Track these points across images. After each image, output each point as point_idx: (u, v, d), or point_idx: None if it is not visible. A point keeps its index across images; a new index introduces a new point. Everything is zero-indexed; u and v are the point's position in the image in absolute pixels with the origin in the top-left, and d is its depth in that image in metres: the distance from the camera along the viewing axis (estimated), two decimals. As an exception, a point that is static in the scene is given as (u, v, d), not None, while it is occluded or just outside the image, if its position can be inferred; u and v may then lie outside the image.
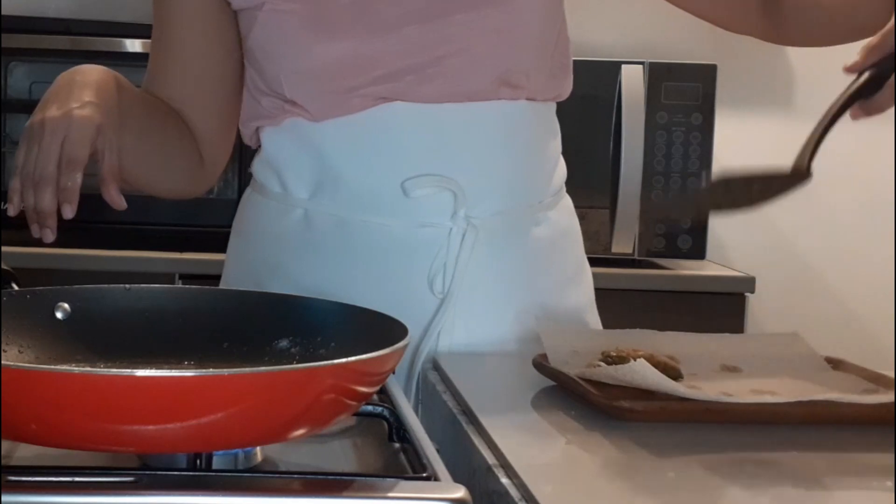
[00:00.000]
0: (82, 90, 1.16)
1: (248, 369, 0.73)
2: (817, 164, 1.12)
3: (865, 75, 1.14)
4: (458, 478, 0.77)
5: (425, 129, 1.26)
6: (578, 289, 1.39)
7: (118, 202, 1.14)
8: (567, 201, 1.40)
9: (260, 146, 1.34)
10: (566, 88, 1.36)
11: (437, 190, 1.26)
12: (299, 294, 1.06)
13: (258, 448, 0.83)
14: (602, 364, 1.08)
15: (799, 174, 1.12)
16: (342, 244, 1.28)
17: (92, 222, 2.47)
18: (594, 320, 1.41)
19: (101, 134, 1.15)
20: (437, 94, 1.26)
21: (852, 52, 1.14)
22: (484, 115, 1.27)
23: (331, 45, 1.24)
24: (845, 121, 1.14)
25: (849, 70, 1.15)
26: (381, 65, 1.24)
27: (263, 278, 1.31)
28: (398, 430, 0.90)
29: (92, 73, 1.20)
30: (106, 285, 1.00)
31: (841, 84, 1.14)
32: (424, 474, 0.78)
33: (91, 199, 1.42)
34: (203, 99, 1.35)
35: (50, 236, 1.11)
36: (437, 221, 1.27)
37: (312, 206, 1.29)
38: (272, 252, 1.32)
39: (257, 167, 1.34)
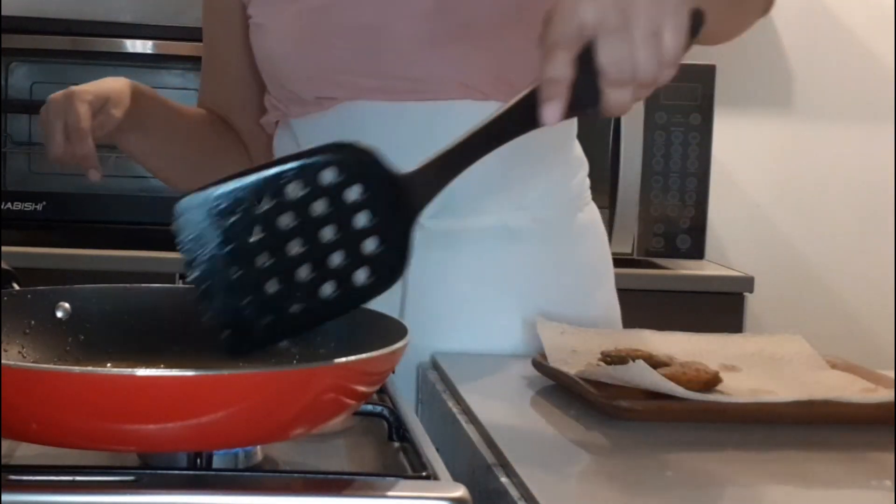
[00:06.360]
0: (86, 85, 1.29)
1: (248, 369, 0.73)
2: (818, 165, 1.10)
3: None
4: (457, 477, 0.77)
5: (385, 128, 1.26)
6: (590, 297, 1.37)
7: (94, 173, 1.28)
8: (584, 210, 1.38)
9: None
10: None
11: None
12: None
13: (258, 447, 0.83)
14: (602, 364, 1.08)
15: None
16: None
17: (92, 222, 2.48)
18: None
19: (101, 111, 1.27)
20: (397, 94, 1.26)
21: (851, 53, 1.13)
22: (445, 115, 1.26)
23: (292, 50, 1.30)
24: (844, 121, 1.11)
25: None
26: (337, 67, 1.27)
27: None
28: (398, 429, 0.90)
29: (104, 80, 1.33)
30: (106, 285, 1.00)
31: (840, 84, 1.12)
32: (424, 473, 0.78)
33: (91, 200, 1.42)
34: (241, 100, 1.46)
35: (96, 174, 1.28)
36: None
37: None
38: None
39: None
